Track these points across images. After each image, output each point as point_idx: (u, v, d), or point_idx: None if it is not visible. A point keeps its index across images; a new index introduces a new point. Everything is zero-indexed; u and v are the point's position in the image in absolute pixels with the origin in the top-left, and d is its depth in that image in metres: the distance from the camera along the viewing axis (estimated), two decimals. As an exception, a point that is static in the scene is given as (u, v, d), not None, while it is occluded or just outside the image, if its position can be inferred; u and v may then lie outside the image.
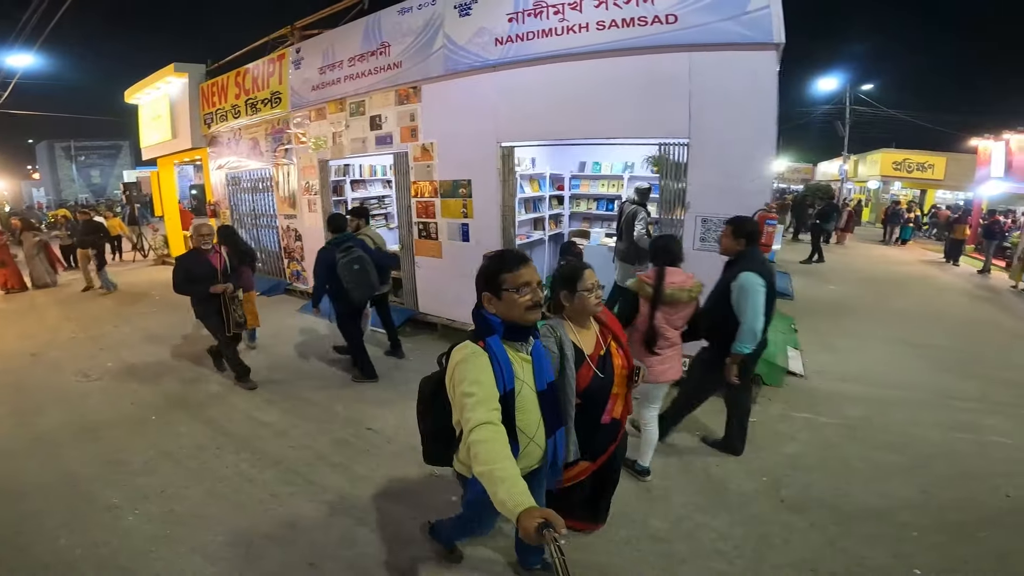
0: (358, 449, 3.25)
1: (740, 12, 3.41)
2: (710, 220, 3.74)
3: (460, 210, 5.05)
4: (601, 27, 3.88)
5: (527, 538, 1.09)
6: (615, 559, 2.27)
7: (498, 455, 1.27)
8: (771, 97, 3.49)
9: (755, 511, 2.59)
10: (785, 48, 3.53)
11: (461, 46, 4.64)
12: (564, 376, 1.83)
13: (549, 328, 1.87)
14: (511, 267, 1.48)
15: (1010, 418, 3.63)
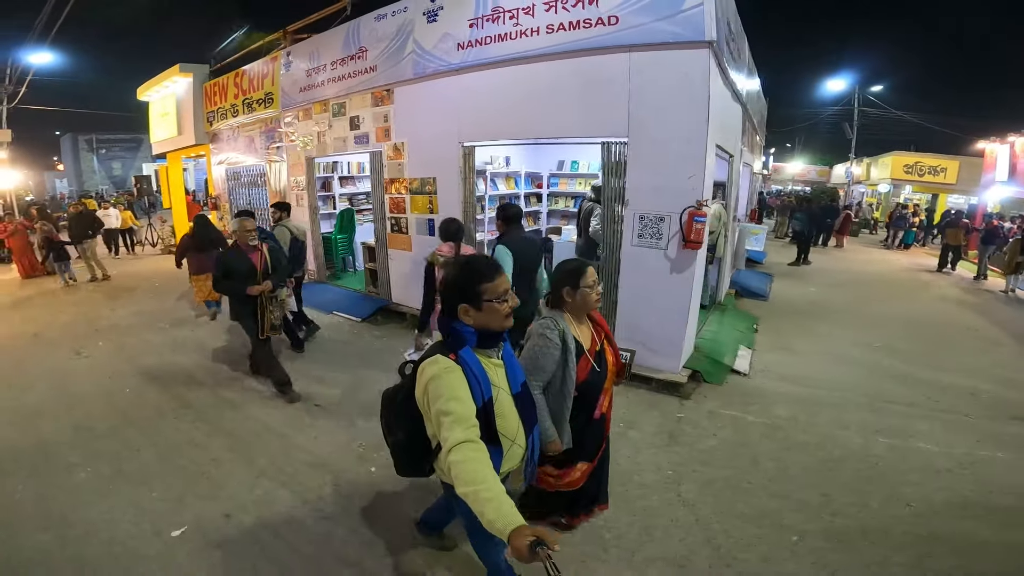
0: (303, 424, 3.52)
1: (676, 11, 3.50)
2: (647, 217, 3.89)
3: (427, 206, 5.31)
4: (551, 30, 4.05)
5: (520, 558, 1.07)
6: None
7: (481, 475, 1.26)
8: (702, 95, 3.55)
9: (649, 504, 2.66)
10: (796, 49, 3.62)
11: (428, 51, 4.89)
12: (566, 367, 1.91)
13: (552, 321, 1.94)
14: (490, 277, 1.47)
15: (946, 425, 3.58)
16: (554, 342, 1.90)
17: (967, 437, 3.43)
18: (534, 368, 1.91)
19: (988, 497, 2.78)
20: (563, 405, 1.98)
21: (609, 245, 4.15)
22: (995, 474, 3.00)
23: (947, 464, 3.10)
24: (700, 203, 3.61)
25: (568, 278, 1.98)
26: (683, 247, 3.73)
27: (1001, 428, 3.56)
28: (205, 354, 4.88)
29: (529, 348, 1.95)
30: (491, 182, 6.47)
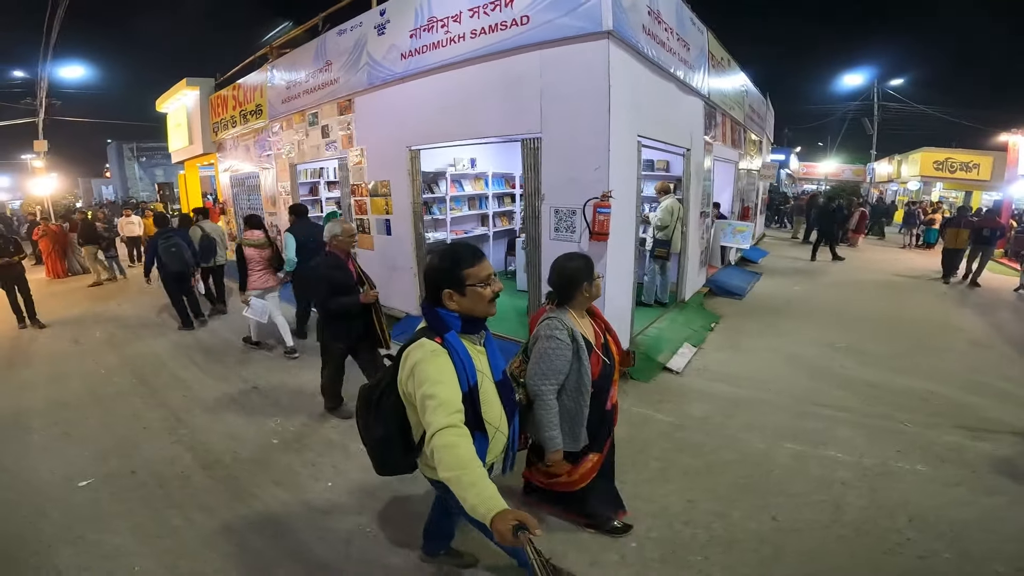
0: (234, 403, 3.90)
1: (577, 5, 3.58)
2: (561, 211, 4.04)
3: (383, 207, 5.64)
4: (475, 35, 4.25)
5: (503, 541, 1.08)
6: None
7: (463, 459, 1.25)
8: (603, 86, 3.60)
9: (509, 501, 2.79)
10: (817, 46, 3.60)
11: (378, 61, 5.23)
12: (580, 366, 1.89)
13: (558, 321, 1.90)
14: (471, 262, 1.47)
15: (873, 432, 3.36)
16: (564, 342, 1.86)
17: (890, 446, 3.17)
18: (548, 371, 1.88)
19: (868, 516, 2.53)
20: (580, 404, 1.95)
21: (533, 239, 4.33)
22: (898, 490, 2.74)
23: (849, 476, 2.85)
24: (605, 195, 3.72)
25: (585, 272, 1.94)
26: (590, 239, 3.85)
27: (937, 437, 3.28)
28: (180, 344, 5.39)
29: (539, 351, 1.90)
30: (457, 183, 6.76)
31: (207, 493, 2.78)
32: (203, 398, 4.00)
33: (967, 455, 3.09)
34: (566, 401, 1.95)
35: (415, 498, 2.69)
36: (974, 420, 3.54)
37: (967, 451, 3.14)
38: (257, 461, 3.10)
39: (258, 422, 3.58)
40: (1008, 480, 2.84)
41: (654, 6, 4.34)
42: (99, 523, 2.56)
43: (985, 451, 3.14)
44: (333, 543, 2.38)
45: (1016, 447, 3.19)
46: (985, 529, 2.43)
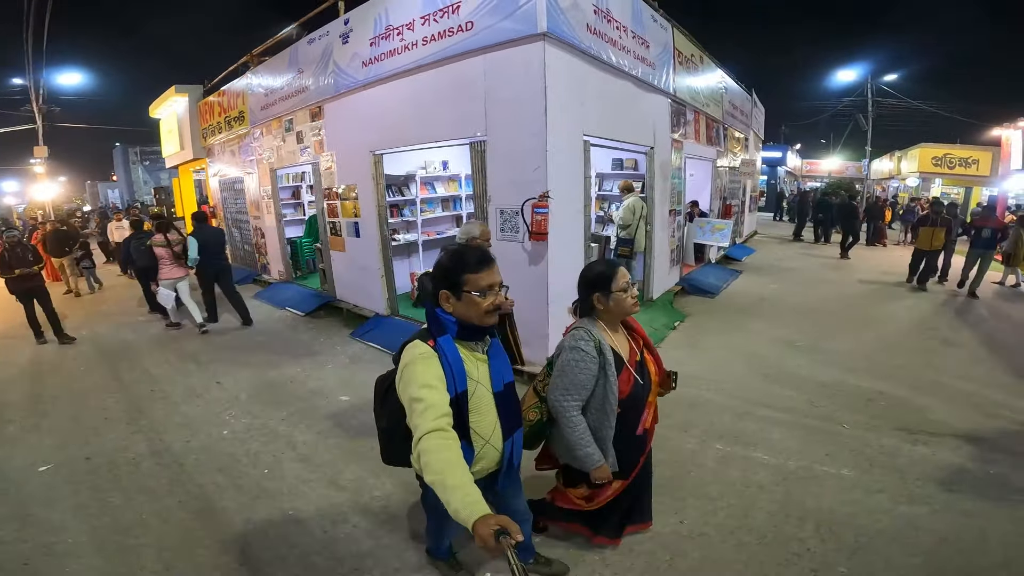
0: (202, 398, 4.10)
1: (515, 8, 3.68)
2: (506, 211, 4.18)
3: (352, 210, 5.83)
4: (426, 42, 4.40)
5: (484, 546, 1.06)
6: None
7: (448, 463, 1.24)
8: (539, 87, 3.70)
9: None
10: (813, 43, 3.63)
11: (343, 69, 5.43)
12: (607, 382, 1.74)
13: (586, 332, 1.77)
14: (474, 268, 1.43)
15: (808, 433, 3.29)
16: (590, 354, 1.72)
17: (821, 449, 3.11)
18: (571, 385, 1.75)
19: (775, 522, 2.46)
20: (605, 423, 1.80)
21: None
22: (814, 495, 2.66)
23: (769, 479, 2.80)
24: (543, 195, 3.85)
25: (597, 282, 1.78)
26: (529, 239, 3.99)
27: (874, 440, 3.22)
28: (158, 342, 5.63)
29: (562, 363, 1.78)
30: (430, 185, 6.93)
31: (151, 478, 2.98)
32: (168, 392, 4.22)
33: (899, 460, 3.00)
34: (590, 420, 1.81)
35: (343, 482, 2.86)
36: (918, 422, 3.45)
37: (900, 455, 3.05)
38: (204, 449, 3.29)
39: (213, 414, 3.78)
40: (935, 488, 2.72)
41: (602, 5, 4.40)
42: (48, 503, 2.77)
43: (920, 455, 3.05)
44: (259, 524, 2.55)
45: (956, 451, 3.09)
46: (895, 541, 2.32)
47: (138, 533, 2.49)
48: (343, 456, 3.16)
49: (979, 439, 3.24)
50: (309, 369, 4.64)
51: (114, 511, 2.68)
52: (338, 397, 4.02)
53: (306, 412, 3.78)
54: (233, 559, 2.30)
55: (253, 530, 2.49)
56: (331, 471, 3.00)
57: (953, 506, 2.58)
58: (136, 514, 2.65)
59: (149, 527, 2.54)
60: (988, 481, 2.81)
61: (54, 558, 2.35)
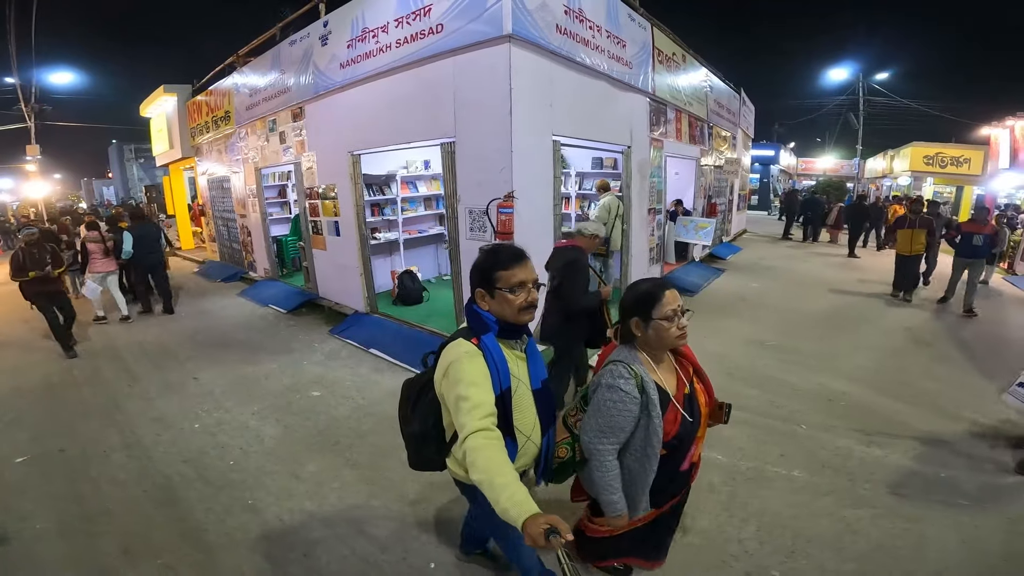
0: (177, 393, 4.20)
1: (482, 11, 3.75)
2: (474, 211, 4.27)
3: (333, 210, 5.92)
4: (400, 44, 4.49)
5: (534, 544, 1.06)
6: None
7: (496, 462, 1.23)
8: (504, 89, 3.77)
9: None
10: (806, 41, 3.62)
11: (322, 71, 5.51)
12: (650, 423, 1.53)
13: (625, 367, 1.54)
14: (506, 264, 1.43)
15: (765, 433, 3.32)
16: (630, 395, 1.51)
17: (775, 450, 3.12)
18: (607, 428, 1.56)
19: (720, 523, 2.48)
20: (646, 468, 1.60)
21: (453, 240, 4.58)
22: (761, 496, 2.68)
23: (719, 479, 2.82)
24: (508, 195, 3.94)
25: (637, 306, 1.56)
26: (495, 238, 4.08)
27: (830, 441, 3.24)
28: (139, 339, 5.73)
29: (598, 402, 1.58)
30: (412, 185, 7.02)
31: (121, 469, 3.09)
32: (146, 387, 4.32)
33: (851, 462, 3.01)
34: (629, 462, 1.63)
35: (304, 474, 2.97)
36: (877, 423, 3.46)
37: (853, 457, 3.06)
38: (174, 442, 3.40)
39: (187, 409, 3.89)
40: (883, 491, 2.73)
41: (574, 4, 4.44)
42: (22, 492, 2.88)
43: (873, 458, 3.06)
44: (218, 513, 2.65)
45: (910, 454, 3.10)
46: (831, 546, 2.32)
47: (102, 520, 2.60)
48: (307, 450, 3.26)
49: (937, 442, 3.24)
50: (285, 365, 4.74)
51: (82, 500, 2.79)
52: (310, 393, 4.12)
53: (277, 407, 3.89)
54: (188, 544, 2.41)
55: (212, 518, 2.60)
56: (294, 464, 3.10)
57: (897, 511, 2.57)
58: (102, 503, 2.76)
59: (113, 515, 2.65)
60: (938, 485, 2.80)
61: (21, 543, 2.46)
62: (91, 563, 2.32)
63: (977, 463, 3.01)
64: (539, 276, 1.52)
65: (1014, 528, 2.44)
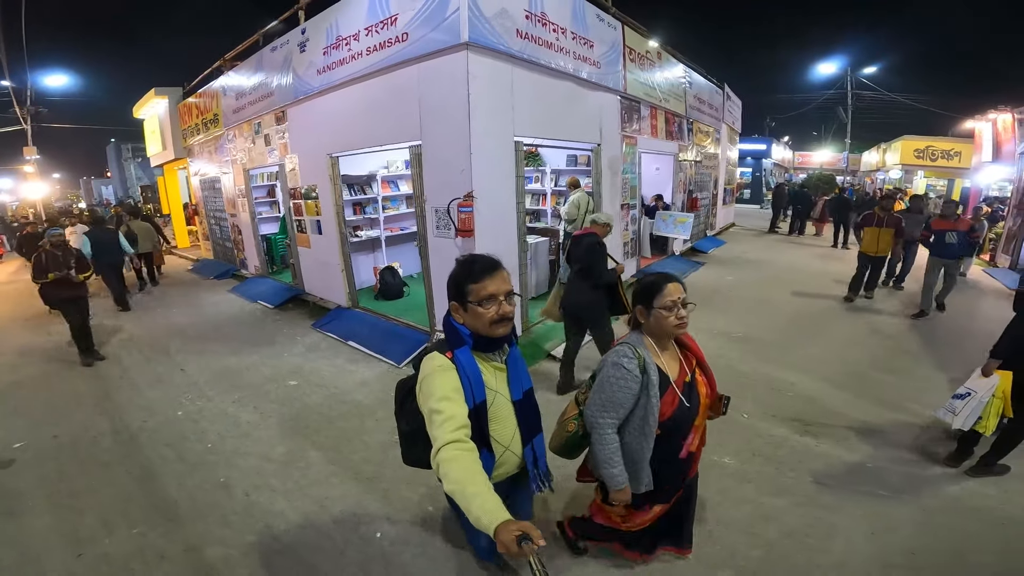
0: (164, 383, 4.48)
1: (442, 20, 3.97)
2: (439, 210, 4.50)
3: (315, 209, 6.17)
4: (370, 52, 4.70)
5: (506, 552, 1.07)
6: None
7: (467, 472, 1.25)
8: (463, 94, 3.98)
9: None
10: (796, 36, 3.71)
11: (301, 76, 5.74)
12: (648, 402, 1.65)
13: (630, 348, 1.69)
14: (476, 277, 1.41)
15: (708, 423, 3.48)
16: (632, 373, 1.64)
17: (713, 437, 3.06)
18: (608, 402, 1.69)
19: None
20: (643, 445, 1.72)
21: (422, 237, 4.82)
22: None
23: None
24: (467, 195, 4.17)
25: (642, 295, 1.71)
26: (456, 236, 4.32)
27: (766, 429, 3.35)
28: (132, 334, 6.02)
29: (602, 378, 1.72)
30: (393, 184, 7.25)
31: (107, 452, 3.37)
32: (135, 378, 4.60)
33: (782, 450, 3.09)
34: (627, 439, 1.75)
35: (274, 455, 3.24)
36: (817, 413, 3.57)
37: (785, 446, 3.13)
38: (158, 428, 3.68)
39: (172, 398, 4.17)
40: (806, 480, 2.82)
41: (536, 8, 4.61)
42: (16, 473, 3.16)
43: (804, 446, 3.15)
44: (190, 489, 2.93)
45: (842, 444, 3.19)
46: (745, 532, 2.42)
47: (87, 497, 2.88)
48: (280, 434, 3.53)
49: (873, 432, 3.33)
50: (267, 357, 5.01)
51: (70, 480, 3.07)
52: (287, 382, 4.39)
53: (256, 395, 4.16)
54: (161, 516, 2.68)
55: (184, 494, 2.88)
56: (265, 447, 3.38)
57: (816, 499, 2.66)
58: (88, 482, 3.03)
59: (97, 492, 2.93)
60: (863, 475, 2.88)
61: (14, 519, 2.74)
62: (73, 532, 2.59)
63: (907, 454, 3.09)
64: (514, 287, 1.51)
65: (925, 520, 2.51)
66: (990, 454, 2.84)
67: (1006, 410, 2.73)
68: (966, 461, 2.93)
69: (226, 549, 2.44)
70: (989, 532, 2.44)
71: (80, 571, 2.34)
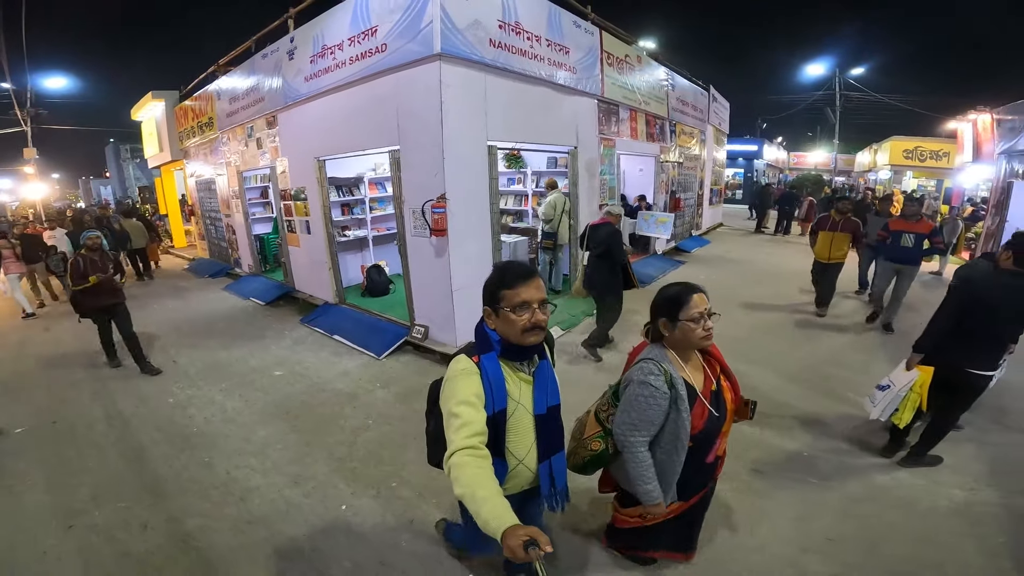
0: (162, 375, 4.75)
1: (417, 32, 4.20)
2: (416, 211, 4.75)
3: (304, 210, 6.43)
4: (352, 61, 4.97)
5: (512, 557, 1.07)
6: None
7: (478, 476, 1.24)
8: (436, 103, 4.23)
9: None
10: (788, 36, 3.87)
11: (290, 83, 5.99)
12: (679, 417, 1.65)
13: (655, 364, 1.66)
14: (510, 283, 1.41)
15: None
16: (660, 390, 1.63)
17: None
18: (639, 421, 1.68)
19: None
20: (675, 460, 1.73)
21: (401, 236, 5.08)
22: None
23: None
24: (440, 197, 4.42)
25: (664, 307, 1.69)
26: (431, 235, 4.58)
27: None
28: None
29: (629, 397, 1.71)
30: (381, 185, 7.51)
31: (102, 436, 3.64)
32: (130, 369, 4.86)
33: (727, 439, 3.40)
34: (659, 455, 1.74)
35: (254, 439, 3.50)
36: (766, 405, 3.54)
37: (730, 435, 3.35)
38: (150, 414, 3.95)
39: (164, 387, 4.44)
40: (745, 467, 2.94)
41: (510, 18, 4.83)
42: (17, 455, 3.43)
43: (745, 435, 3.21)
44: (177, 468, 3.19)
45: (784, 432, 3.32)
46: None
47: (81, 476, 3.15)
48: (262, 419, 3.80)
49: (815, 423, 3.47)
50: (255, 350, 5.28)
51: (67, 461, 3.33)
52: (272, 372, 4.66)
53: (242, 385, 4.42)
54: (147, 492, 2.95)
55: (171, 473, 3.14)
56: (248, 430, 3.64)
57: (750, 485, 2.80)
58: (83, 462, 3.30)
59: (90, 471, 3.20)
60: (798, 463, 3.01)
61: (13, 496, 3.01)
62: (66, 507, 2.85)
63: (844, 444, 3.23)
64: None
65: (848, 508, 2.63)
66: (919, 445, 2.94)
67: (922, 404, 2.82)
68: (900, 452, 3.04)
69: (204, 520, 2.70)
70: (909, 522, 2.54)
71: (70, 540, 2.60)
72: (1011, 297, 2.58)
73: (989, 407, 3.58)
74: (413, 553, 2.42)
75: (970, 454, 3.12)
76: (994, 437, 3.33)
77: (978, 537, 2.44)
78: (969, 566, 2.28)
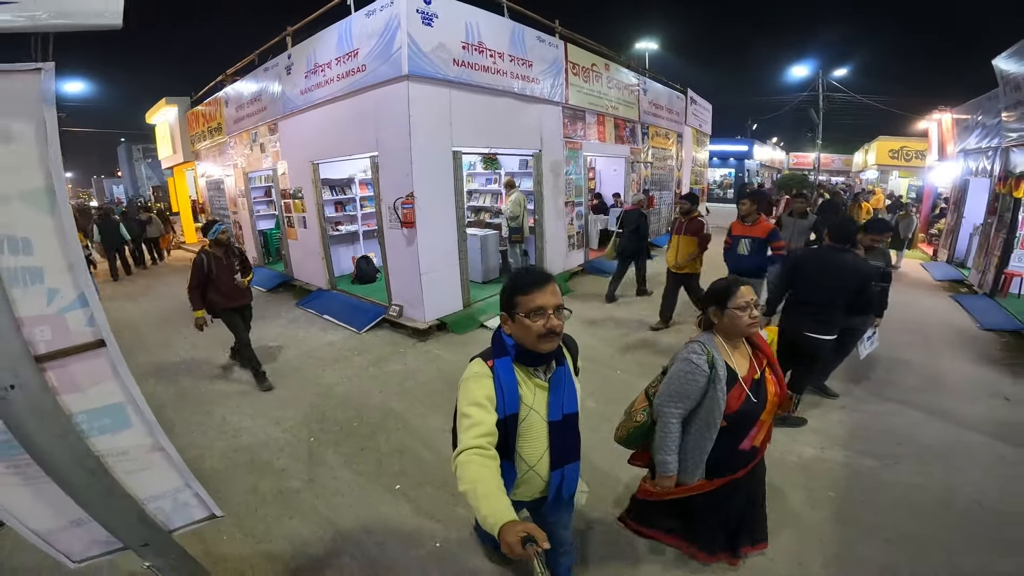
0: (171, 347, 5.60)
1: (389, 56, 4.92)
2: (390, 207, 5.54)
3: (301, 207, 7.27)
4: (339, 78, 5.76)
5: (510, 553, 1.06)
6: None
7: (480, 474, 1.25)
8: (404, 115, 4.94)
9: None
10: (773, 37, 4.49)
11: (288, 95, 6.81)
12: (715, 396, 1.76)
13: (700, 345, 1.81)
14: (525, 289, 1.41)
15: (585, 377, 3.65)
16: (700, 368, 1.77)
17: (588, 385, 3.16)
18: (676, 394, 1.83)
19: None
20: (706, 437, 1.83)
21: (380, 230, 5.87)
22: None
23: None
24: (409, 195, 5.20)
25: (715, 297, 1.85)
26: (401, 227, 5.36)
27: (633, 382, 3.94)
28: (143, 318, 7.17)
29: (672, 372, 1.86)
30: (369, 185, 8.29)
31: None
32: (148, 343, 5.72)
33: (635, 393, 3.69)
34: (692, 431, 1.87)
35: (248, 392, 4.31)
36: None
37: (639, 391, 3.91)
38: (156, 374, 4.78)
39: (174, 352, 5.29)
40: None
41: (473, 39, 5.56)
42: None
43: None
44: (184, 416, 4.01)
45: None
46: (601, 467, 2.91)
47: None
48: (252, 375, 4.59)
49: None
50: (255, 327, 6.02)
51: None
52: (268, 343, 5.48)
53: (242, 354, 5.24)
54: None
55: (178, 419, 3.94)
56: (245, 386, 4.46)
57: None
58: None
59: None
60: None
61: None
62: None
63: None
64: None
65: None
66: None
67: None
68: None
69: (200, 451, 3.47)
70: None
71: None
72: (828, 268, 3.17)
73: (877, 380, 4.12)
74: (354, 465, 3.21)
75: (835, 419, 3.51)
76: (868, 407, 3.70)
77: (809, 489, 2.75)
78: (790, 513, 2.57)
